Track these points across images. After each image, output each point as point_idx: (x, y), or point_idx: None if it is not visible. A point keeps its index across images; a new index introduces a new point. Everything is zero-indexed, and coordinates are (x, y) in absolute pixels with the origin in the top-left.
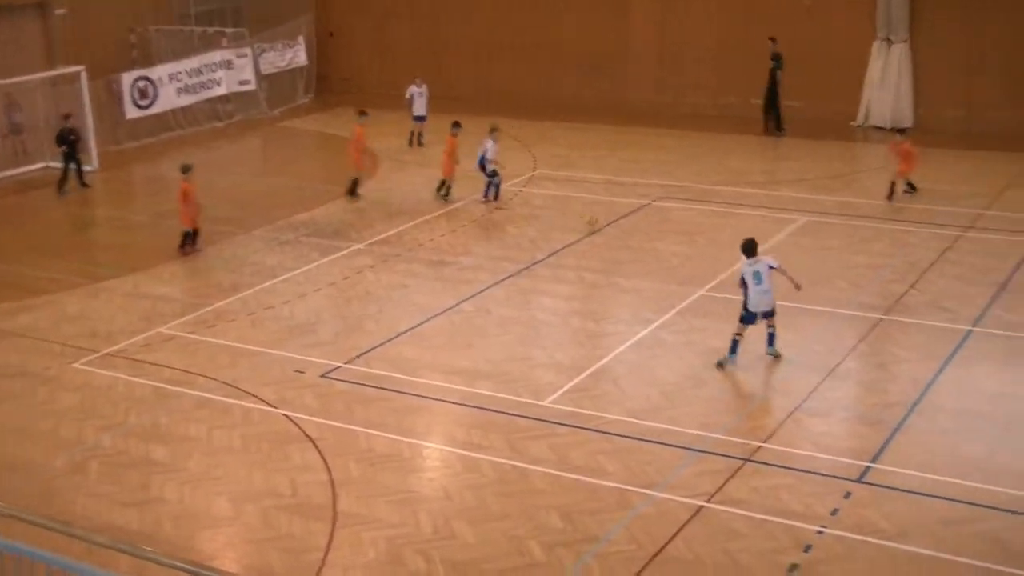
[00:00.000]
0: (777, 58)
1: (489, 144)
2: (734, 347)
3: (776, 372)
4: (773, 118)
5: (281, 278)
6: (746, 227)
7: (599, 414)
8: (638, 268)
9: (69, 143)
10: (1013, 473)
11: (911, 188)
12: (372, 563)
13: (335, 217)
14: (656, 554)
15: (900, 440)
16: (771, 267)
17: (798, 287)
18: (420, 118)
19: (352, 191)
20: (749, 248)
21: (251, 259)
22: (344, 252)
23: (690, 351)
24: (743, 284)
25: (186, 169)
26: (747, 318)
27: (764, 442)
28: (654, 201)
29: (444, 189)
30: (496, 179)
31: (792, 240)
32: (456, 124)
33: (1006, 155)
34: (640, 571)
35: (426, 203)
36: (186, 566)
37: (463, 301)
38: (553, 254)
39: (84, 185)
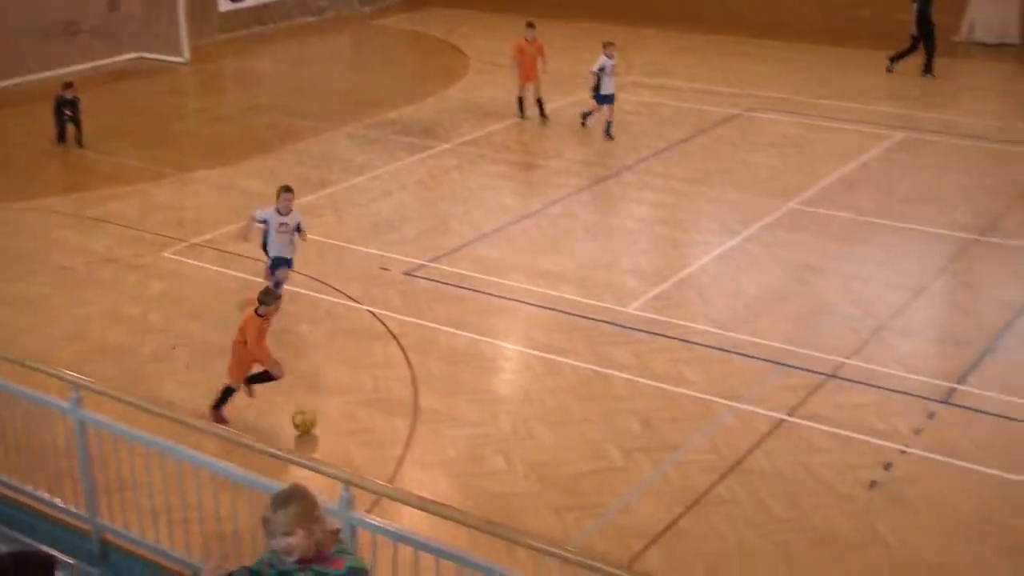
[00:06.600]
0: None
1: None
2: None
3: (863, 290)
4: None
5: (368, 175)
6: (840, 141)
7: (682, 323)
8: (727, 179)
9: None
10: None
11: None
12: (452, 460)
13: (424, 116)
14: (736, 464)
15: (988, 362)
16: None
17: None
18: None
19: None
20: None
21: (339, 155)
22: (432, 152)
23: (776, 264)
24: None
25: (530, 25)
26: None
27: (848, 359)
28: (746, 112)
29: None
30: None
31: (887, 156)
32: (530, 25)
33: None
34: (719, 480)
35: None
36: (272, 450)
37: (551, 205)
38: (642, 161)
39: (81, 146)
